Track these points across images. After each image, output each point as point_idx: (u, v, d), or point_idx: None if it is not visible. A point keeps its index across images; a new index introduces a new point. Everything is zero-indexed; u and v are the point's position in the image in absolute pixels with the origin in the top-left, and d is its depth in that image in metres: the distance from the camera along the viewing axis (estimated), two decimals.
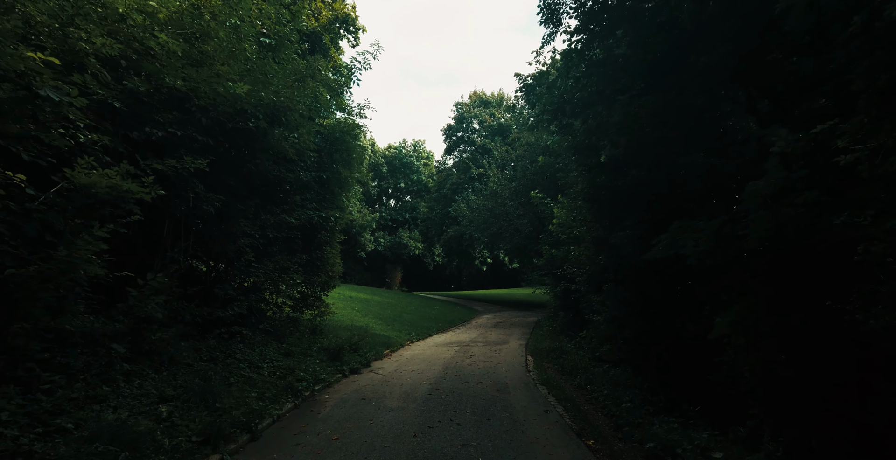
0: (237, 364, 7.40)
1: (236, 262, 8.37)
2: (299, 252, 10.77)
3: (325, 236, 11.37)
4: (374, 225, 45.54)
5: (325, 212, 10.72)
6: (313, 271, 11.35)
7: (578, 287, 11.15)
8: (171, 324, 6.35)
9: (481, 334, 17.16)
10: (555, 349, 11.35)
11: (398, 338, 14.72)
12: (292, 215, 9.78)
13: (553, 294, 15.39)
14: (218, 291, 8.03)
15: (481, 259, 42.83)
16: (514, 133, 28.49)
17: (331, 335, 11.74)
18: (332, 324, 13.68)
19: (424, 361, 11.03)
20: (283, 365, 8.10)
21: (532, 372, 9.36)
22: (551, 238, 16.42)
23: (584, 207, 9.32)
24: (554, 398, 7.21)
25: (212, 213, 6.63)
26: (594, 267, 9.44)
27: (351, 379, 9.06)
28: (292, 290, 11.66)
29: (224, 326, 7.97)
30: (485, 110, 40.47)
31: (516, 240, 22.60)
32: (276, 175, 8.70)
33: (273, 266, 9.15)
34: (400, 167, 48.81)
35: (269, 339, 9.27)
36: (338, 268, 12.49)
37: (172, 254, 6.43)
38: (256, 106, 6.89)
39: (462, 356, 11.80)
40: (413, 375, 9.30)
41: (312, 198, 10.95)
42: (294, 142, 8.15)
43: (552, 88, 8.78)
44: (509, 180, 22.32)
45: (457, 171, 40.10)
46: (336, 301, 20.90)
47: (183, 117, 6.20)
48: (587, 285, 10.75)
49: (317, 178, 10.80)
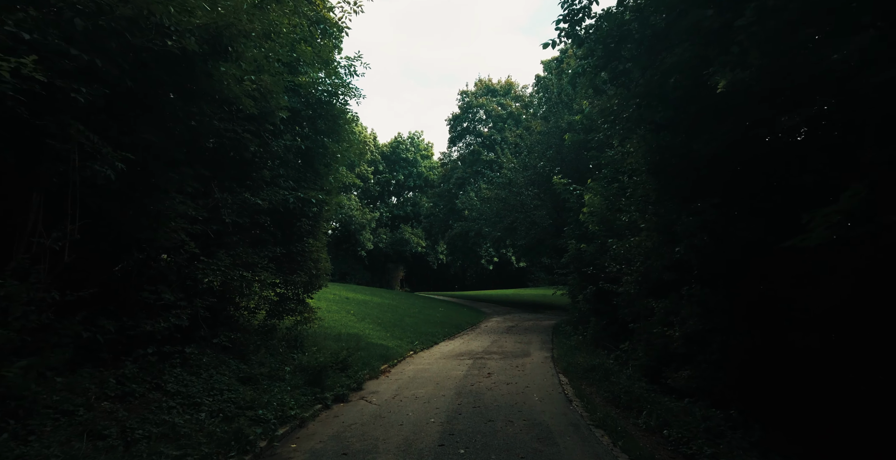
0: (164, 401, 5.12)
1: (174, 256, 6.09)
2: (272, 244, 8.49)
3: (307, 225, 9.07)
4: (373, 224, 43.35)
5: (305, 193, 8.42)
6: (292, 268, 9.06)
7: (626, 288, 8.83)
8: (40, 349, 4.07)
9: (495, 342, 14.85)
10: (594, 367, 9.04)
11: (398, 347, 12.43)
12: (259, 195, 7.50)
13: (582, 296, 13.08)
14: (146, 296, 5.75)
15: (488, 257, 40.49)
16: (526, 120, 26.06)
17: (314, 348, 9.47)
18: (320, 333, 11.40)
19: (431, 382, 8.75)
20: (236, 399, 5.82)
21: (575, 403, 7.06)
22: (578, 230, 14.10)
23: (646, 183, 7.00)
24: (627, 456, 4.88)
25: (111, 179, 4.35)
26: (656, 262, 7.12)
27: (334, 413, 6.78)
28: (267, 292, 9.41)
29: (153, 345, 5.69)
30: (492, 99, 37.98)
31: (532, 235, 20.19)
32: (233, 137, 6.41)
33: (230, 261, 6.86)
34: (398, 161, 46.56)
35: (227, 358, 6.99)
36: (325, 265, 10.20)
37: (45, 243, 4.17)
38: (180, 22, 4.60)
39: (477, 374, 9.50)
40: (416, 406, 7.01)
41: (289, 175, 8.66)
42: (251, 88, 5.86)
43: (608, 19, 6.44)
44: (525, 167, 19.88)
45: (462, 164, 37.71)
46: (329, 303, 18.61)
47: (42, 16, 3.93)
48: (639, 286, 8.44)
49: (294, 150, 8.51)
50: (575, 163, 16.82)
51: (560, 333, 16.66)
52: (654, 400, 6.46)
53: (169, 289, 6.12)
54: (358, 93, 9.72)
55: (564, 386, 8.40)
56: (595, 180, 12.26)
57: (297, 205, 8.61)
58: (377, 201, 48.16)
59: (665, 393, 7.28)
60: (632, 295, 8.72)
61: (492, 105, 37.19)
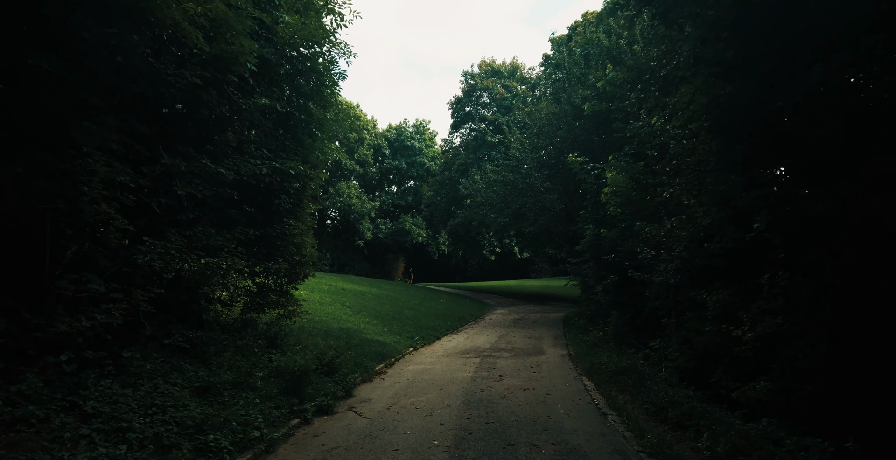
0: (73, 428, 3.79)
1: (104, 235, 4.74)
2: (244, 225, 7.13)
3: (287, 203, 7.70)
4: (373, 213, 41.96)
5: (283, 164, 7.04)
6: (269, 254, 7.72)
7: (661, 278, 7.47)
8: None
9: (503, 337, 13.56)
10: (624, 369, 7.73)
11: (397, 344, 11.14)
12: (223, 163, 6.12)
13: (601, 287, 11.74)
14: (63, 286, 4.41)
15: (490, 248, 39.13)
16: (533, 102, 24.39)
17: (297, 347, 8.17)
18: (308, 329, 10.10)
19: (433, 386, 7.46)
20: (182, 419, 4.50)
21: (612, 419, 5.74)
22: (595, 214, 12.71)
23: (703, 145, 5.59)
24: None
25: None
26: (714, 244, 5.75)
27: (314, 430, 5.48)
28: (245, 282, 8.10)
29: (71, 350, 4.36)
30: (497, 81, 36.19)
31: (542, 221, 18.72)
32: (183, 88, 5.01)
33: (184, 244, 5.51)
34: (401, 149, 44.98)
35: (183, 363, 5.68)
36: (310, 252, 8.84)
37: None
38: None
39: (487, 376, 8.21)
40: (416, 421, 5.71)
41: (264, 143, 7.27)
42: (196, 11, 4.45)
43: None
44: (534, 149, 18.31)
45: (465, 150, 36.11)
46: (323, 295, 17.30)
47: None
48: (680, 275, 7.09)
49: (271, 112, 7.11)
50: (588, 143, 15.30)
51: (572, 327, 15.37)
52: (714, 416, 5.13)
53: (99, 277, 4.78)
54: (347, 49, 8.28)
55: (591, 392, 7.10)
56: (618, 158, 10.84)
57: (275, 180, 7.22)
58: (377, 191, 46.71)
59: (712, 401, 5.98)
60: (670, 285, 7.37)
61: (497, 88, 35.39)
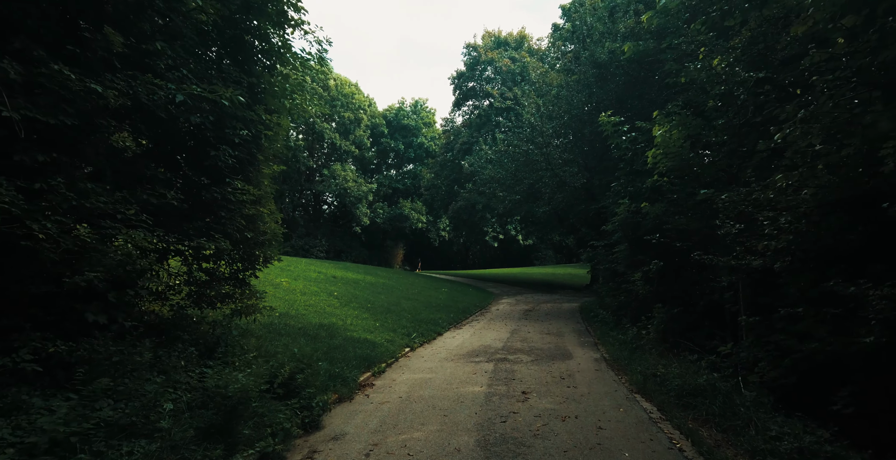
0: None
1: None
2: (159, 184, 4.92)
3: (228, 156, 5.45)
4: (370, 197, 39.65)
5: (212, 91, 4.77)
6: (203, 227, 5.50)
7: (761, 262, 5.26)
8: None
9: (515, 332, 11.47)
10: (698, 389, 5.58)
11: (390, 343, 9.00)
12: (102, 79, 3.87)
13: (639, 274, 9.55)
14: None
15: (494, 233, 36.92)
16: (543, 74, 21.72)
17: (251, 354, 5.98)
18: (276, 327, 7.93)
19: (435, 412, 5.34)
20: None
21: None
22: (631, 186, 10.47)
23: None
24: None
25: None
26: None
27: None
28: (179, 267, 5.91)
29: None
30: (503, 53, 33.36)
31: (559, 199, 16.38)
32: None
33: (18, 198, 3.29)
34: (399, 128, 42.49)
35: (30, 396, 3.51)
36: (272, 227, 6.63)
37: None
38: None
39: (507, 393, 6.08)
40: None
41: (182, 59, 5.00)
42: None
43: None
44: (551, 117, 15.82)
45: (468, 129, 33.59)
46: (309, 283, 15.08)
47: None
48: (792, 256, 4.89)
49: (189, 16, 4.83)
50: (620, 102, 12.85)
51: (595, 321, 13.26)
52: None
53: None
54: None
55: (660, 424, 4.96)
56: (668, 113, 8.57)
57: (208, 120, 4.97)
58: (375, 174, 44.35)
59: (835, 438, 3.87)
60: (773, 272, 5.17)
61: (503, 60, 32.58)
